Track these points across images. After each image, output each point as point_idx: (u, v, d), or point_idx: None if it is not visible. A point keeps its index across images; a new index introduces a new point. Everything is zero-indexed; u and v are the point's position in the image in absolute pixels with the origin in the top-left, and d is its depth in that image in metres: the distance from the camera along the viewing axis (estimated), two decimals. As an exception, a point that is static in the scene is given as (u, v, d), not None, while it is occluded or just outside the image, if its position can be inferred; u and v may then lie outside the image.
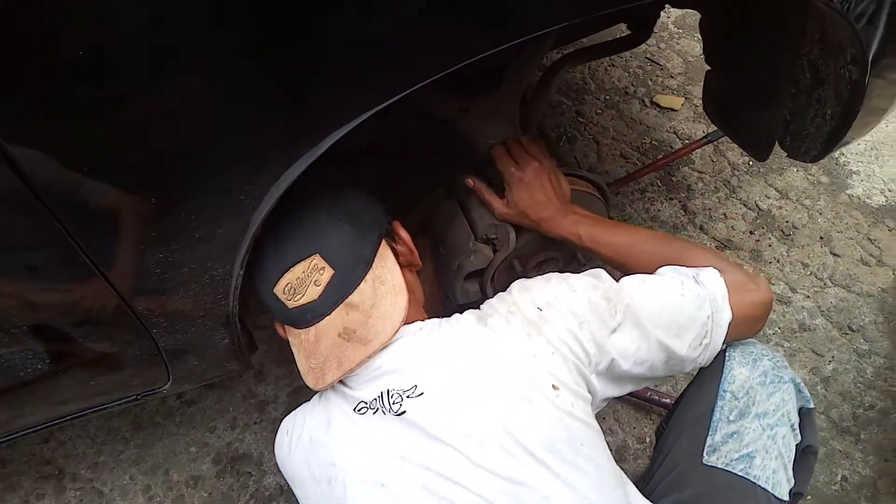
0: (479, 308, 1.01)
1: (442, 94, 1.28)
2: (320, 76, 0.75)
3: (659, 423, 1.10)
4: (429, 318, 1.02)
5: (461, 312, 1.00)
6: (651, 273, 1.00)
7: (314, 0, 0.68)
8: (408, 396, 0.89)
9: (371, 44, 0.73)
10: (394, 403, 0.90)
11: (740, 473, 0.92)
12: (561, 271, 1.03)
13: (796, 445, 0.98)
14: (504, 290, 1.02)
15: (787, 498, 0.94)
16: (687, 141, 2.10)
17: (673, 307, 0.93)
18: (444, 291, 1.42)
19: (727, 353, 1.01)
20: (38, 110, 0.66)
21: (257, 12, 0.66)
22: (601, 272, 0.99)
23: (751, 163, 2.08)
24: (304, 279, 0.93)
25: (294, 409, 1.06)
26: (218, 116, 0.73)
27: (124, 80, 0.66)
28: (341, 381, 0.97)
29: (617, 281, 0.97)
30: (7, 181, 0.68)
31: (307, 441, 0.97)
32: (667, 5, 1.45)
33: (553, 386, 0.87)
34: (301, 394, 1.63)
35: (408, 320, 0.95)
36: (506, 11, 0.79)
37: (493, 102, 1.29)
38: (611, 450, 0.93)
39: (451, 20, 0.76)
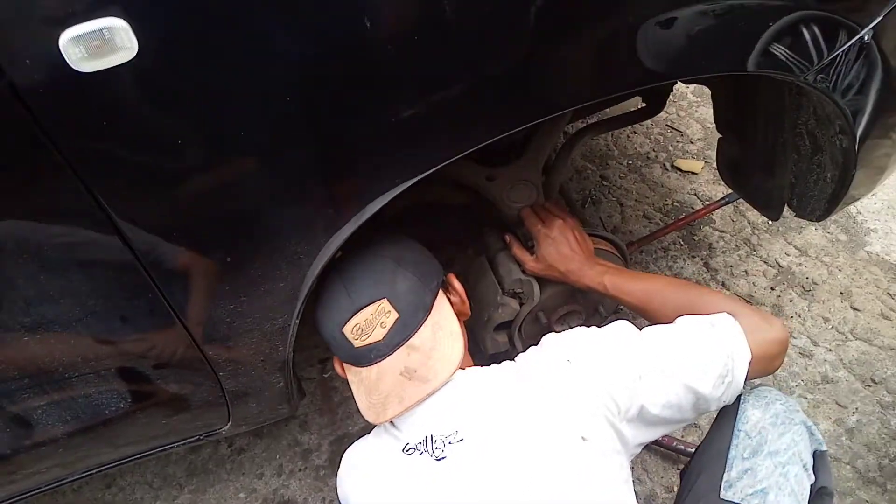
0: (514, 360, 1.09)
1: (470, 164, 1.43)
2: (360, 158, 0.89)
3: (685, 465, 1.17)
4: (472, 364, 1.11)
5: (494, 362, 1.10)
6: (670, 316, 1.07)
7: (356, 97, 0.82)
8: (449, 442, 0.98)
9: (405, 128, 0.87)
10: (436, 448, 0.98)
11: None
12: (583, 323, 1.13)
13: (811, 486, 1.01)
14: (535, 343, 1.10)
15: None
16: (707, 202, 2.21)
17: (694, 351, 1.00)
18: (476, 342, 1.53)
19: (743, 397, 1.06)
20: (140, 191, 0.82)
21: (310, 108, 0.81)
22: (626, 324, 1.07)
23: (769, 222, 2.17)
24: (372, 321, 1.02)
25: (336, 456, 1.15)
26: (279, 190, 0.88)
27: (205, 165, 0.82)
28: (392, 423, 1.06)
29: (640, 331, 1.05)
30: (115, 246, 0.83)
31: (366, 479, 1.07)
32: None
33: (582, 437, 0.95)
34: (343, 443, 1.72)
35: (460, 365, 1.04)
36: (528, 97, 0.92)
37: (517, 171, 1.43)
38: (639, 500, 1.01)
39: (476, 105, 0.90)
